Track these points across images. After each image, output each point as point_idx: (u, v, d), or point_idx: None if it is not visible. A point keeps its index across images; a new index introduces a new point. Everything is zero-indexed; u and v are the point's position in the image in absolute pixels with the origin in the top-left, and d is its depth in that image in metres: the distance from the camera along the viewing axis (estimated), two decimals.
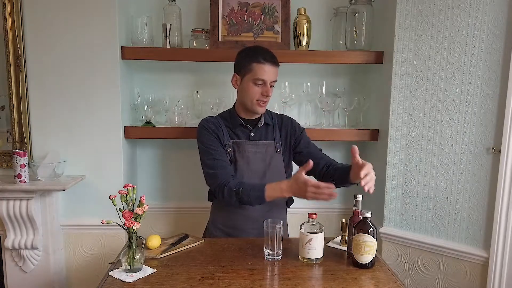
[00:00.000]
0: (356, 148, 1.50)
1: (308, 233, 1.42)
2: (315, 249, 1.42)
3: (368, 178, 1.42)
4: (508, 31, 1.65)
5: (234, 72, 1.71)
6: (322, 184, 1.45)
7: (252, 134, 1.73)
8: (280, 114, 1.87)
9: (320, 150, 1.82)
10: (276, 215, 1.64)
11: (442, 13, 1.79)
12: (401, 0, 1.89)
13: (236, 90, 1.74)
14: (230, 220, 1.74)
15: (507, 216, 1.69)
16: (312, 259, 1.43)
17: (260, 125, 1.74)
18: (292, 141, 1.78)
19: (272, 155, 1.73)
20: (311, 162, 1.49)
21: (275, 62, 1.65)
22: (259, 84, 1.64)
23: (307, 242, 1.42)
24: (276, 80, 1.68)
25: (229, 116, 1.76)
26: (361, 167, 1.45)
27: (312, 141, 1.84)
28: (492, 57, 1.69)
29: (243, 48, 1.75)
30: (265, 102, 1.68)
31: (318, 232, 1.42)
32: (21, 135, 1.98)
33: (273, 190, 1.55)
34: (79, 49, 1.95)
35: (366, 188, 1.42)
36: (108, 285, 1.28)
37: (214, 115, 1.83)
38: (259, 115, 1.74)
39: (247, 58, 1.65)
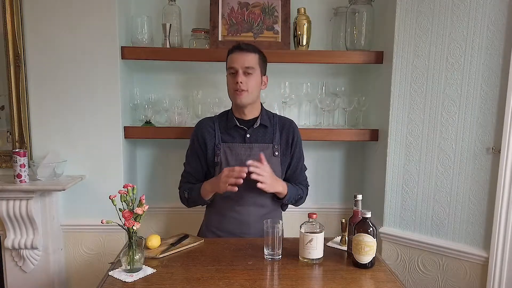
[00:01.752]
0: (261, 154, 1.61)
1: (309, 233, 1.42)
2: (316, 249, 1.42)
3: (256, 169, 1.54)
4: (508, 31, 1.65)
5: None
6: (236, 168, 1.57)
7: (248, 136, 1.71)
8: (283, 117, 1.84)
9: (306, 169, 1.87)
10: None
11: (442, 13, 1.79)
12: (401, 0, 1.89)
13: None
14: (224, 224, 1.74)
15: (507, 216, 1.69)
16: (312, 259, 1.43)
17: (255, 126, 1.72)
18: (292, 148, 1.77)
19: (268, 158, 1.69)
20: (245, 169, 1.57)
21: (242, 48, 1.66)
22: (232, 73, 1.66)
23: (307, 242, 1.42)
24: (252, 67, 1.64)
25: (226, 117, 1.76)
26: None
27: (304, 156, 1.84)
28: (492, 57, 1.69)
29: None
30: (240, 91, 1.64)
31: (318, 232, 1.42)
32: (21, 135, 1.98)
33: (204, 188, 1.69)
34: (79, 49, 1.95)
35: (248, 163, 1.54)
36: (108, 285, 1.28)
37: (213, 115, 1.84)
38: (256, 116, 1.73)
39: (227, 54, 1.72)
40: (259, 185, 1.56)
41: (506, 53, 1.65)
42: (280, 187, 1.66)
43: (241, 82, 1.63)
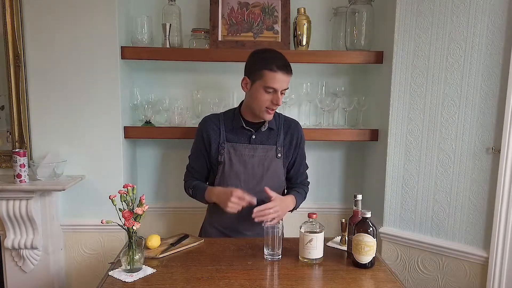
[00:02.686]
0: (267, 188, 1.62)
1: (309, 233, 1.42)
2: (316, 249, 1.42)
3: (260, 213, 1.54)
4: (508, 31, 1.65)
5: (245, 75, 1.66)
6: (247, 197, 1.56)
7: (253, 137, 1.71)
8: (289, 118, 1.83)
9: (307, 168, 1.89)
10: None
11: (441, 13, 1.80)
12: (401, 0, 1.89)
13: (241, 92, 1.70)
14: (226, 220, 1.73)
15: (506, 216, 1.69)
16: (312, 259, 1.43)
17: (263, 129, 1.72)
18: (296, 149, 1.78)
19: (271, 160, 1.71)
20: (254, 201, 1.58)
21: (288, 70, 1.60)
22: (269, 92, 1.59)
23: (307, 242, 1.42)
24: (287, 88, 1.64)
25: (233, 117, 1.74)
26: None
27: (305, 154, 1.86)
28: (492, 57, 1.69)
29: (255, 50, 1.68)
30: (273, 109, 1.65)
31: (318, 232, 1.42)
32: (21, 135, 1.98)
33: (209, 195, 1.68)
34: (79, 49, 1.95)
35: (255, 220, 1.55)
36: (108, 285, 1.29)
37: (218, 113, 1.82)
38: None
39: (259, 64, 1.60)
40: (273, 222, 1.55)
41: (506, 53, 1.65)
42: (290, 206, 1.71)
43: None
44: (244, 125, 1.71)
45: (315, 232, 1.42)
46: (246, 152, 1.70)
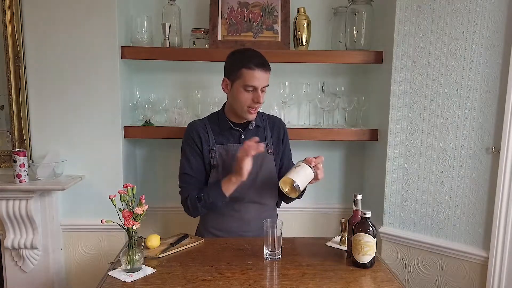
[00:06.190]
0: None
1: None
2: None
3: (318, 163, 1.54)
4: (508, 31, 1.65)
5: (224, 76, 1.66)
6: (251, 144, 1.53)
7: (243, 137, 1.70)
8: (271, 115, 1.84)
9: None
10: (268, 216, 1.63)
11: (441, 13, 1.80)
12: (401, 0, 1.89)
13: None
14: (224, 223, 1.72)
15: (506, 216, 1.69)
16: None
17: (251, 127, 1.72)
18: (283, 145, 1.78)
19: (263, 157, 1.69)
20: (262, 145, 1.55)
21: (265, 67, 1.59)
22: (249, 90, 1.59)
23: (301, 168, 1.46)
24: (268, 85, 1.63)
25: (218, 120, 1.73)
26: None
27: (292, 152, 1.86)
28: (491, 57, 1.69)
29: (232, 51, 1.68)
30: (255, 108, 1.64)
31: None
32: (21, 134, 1.98)
33: (225, 182, 1.61)
34: (79, 48, 1.95)
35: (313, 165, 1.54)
36: (108, 285, 1.29)
37: (202, 118, 1.80)
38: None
39: (236, 63, 1.60)
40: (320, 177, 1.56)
41: (506, 53, 1.65)
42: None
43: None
44: (232, 126, 1.70)
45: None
46: (238, 152, 1.69)
